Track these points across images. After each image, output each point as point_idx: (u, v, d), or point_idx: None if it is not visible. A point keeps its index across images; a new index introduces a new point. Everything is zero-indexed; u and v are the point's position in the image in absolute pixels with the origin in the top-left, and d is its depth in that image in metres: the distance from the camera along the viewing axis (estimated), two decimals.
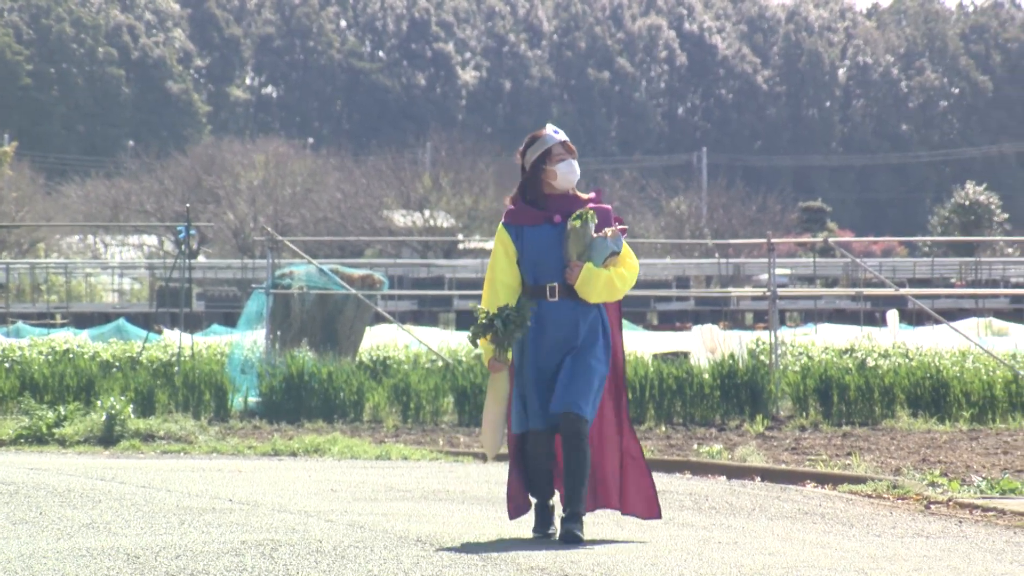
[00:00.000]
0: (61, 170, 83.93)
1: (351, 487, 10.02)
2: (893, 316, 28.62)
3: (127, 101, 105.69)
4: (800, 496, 10.09)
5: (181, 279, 22.33)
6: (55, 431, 15.12)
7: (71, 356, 20.62)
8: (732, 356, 17.88)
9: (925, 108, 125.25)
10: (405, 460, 13.15)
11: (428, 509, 8.70)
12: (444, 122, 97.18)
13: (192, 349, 20.50)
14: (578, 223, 7.50)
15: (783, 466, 12.85)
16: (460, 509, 8.78)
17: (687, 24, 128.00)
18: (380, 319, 27.56)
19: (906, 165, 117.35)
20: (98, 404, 15.65)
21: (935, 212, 79.58)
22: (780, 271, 53.49)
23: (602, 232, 7.54)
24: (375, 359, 20.70)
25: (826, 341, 23.83)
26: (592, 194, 7.71)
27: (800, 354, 20.51)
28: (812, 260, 58.57)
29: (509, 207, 7.68)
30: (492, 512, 8.62)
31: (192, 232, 21.25)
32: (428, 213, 67.54)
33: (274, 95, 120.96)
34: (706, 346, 21.82)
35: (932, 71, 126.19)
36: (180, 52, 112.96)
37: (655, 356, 20.81)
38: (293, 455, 13.72)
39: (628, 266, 7.60)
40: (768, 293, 19.71)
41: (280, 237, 22.27)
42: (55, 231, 66.65)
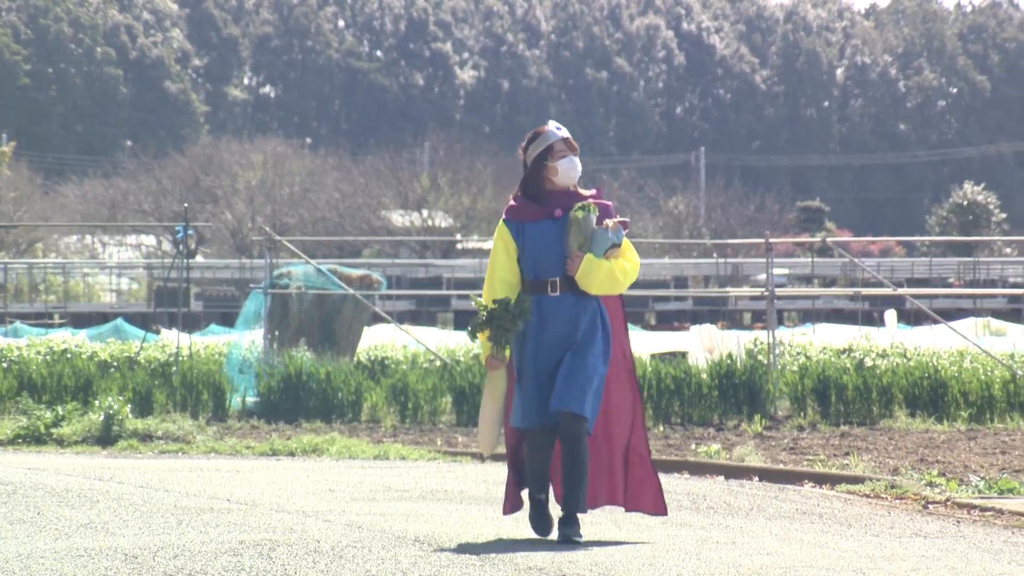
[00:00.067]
0: (59, 170, 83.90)
1: (349, 487, 10.01)
2: (891, 316, 28.63)
3: (125, 101, 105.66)
4: (798, 496, 10.08)
5: (179, 279, 22.32)
6: (53, 431, 15.12)
7: (69, 356, 20.63)
8: (730, 356, 17.88)
9: (923, 108, 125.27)
10: (403, 460, 13.15)
11: (426, 509, 8.70)
12: (442, 122, 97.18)
13: (190, 349, 20.50)
14: (580, 214, 7.48)
15: (781, 466, 12.85)
16: (458, 509, 8.78)
17: (685, 24, 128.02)
18: (378, 319, 27.55)
19: (904, 165, 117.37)
20: (96, 404, 15.65)
21: (933, 212, 79.60)
22: (778, 271, 53.49)
23: (603, 224, 7.53)
24: (373, 359, 20.70)
25: (824, 341, 23.84)
26: (593, 191, 7.70)
27: (798, 354, 20.51)
28: (810, 260, 58.61)
29: (511, 203, 7.68)
30: (490, 512, 8.61)
31: (190, 232, 21.23)
32: (426, 213, 67.54)
33: (272, 95, 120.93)
34: (704, 346, 21.83)
35: (930, 71, 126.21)
36: (178, 52, 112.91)
37: (653, 356, 20.83)
38: (291, 455, 13.72)
39: (628, 259, 7.57)
40: (766, 293, 19.71)
41: (278, 237, 22.26)
42: (53, 231, 66.64)
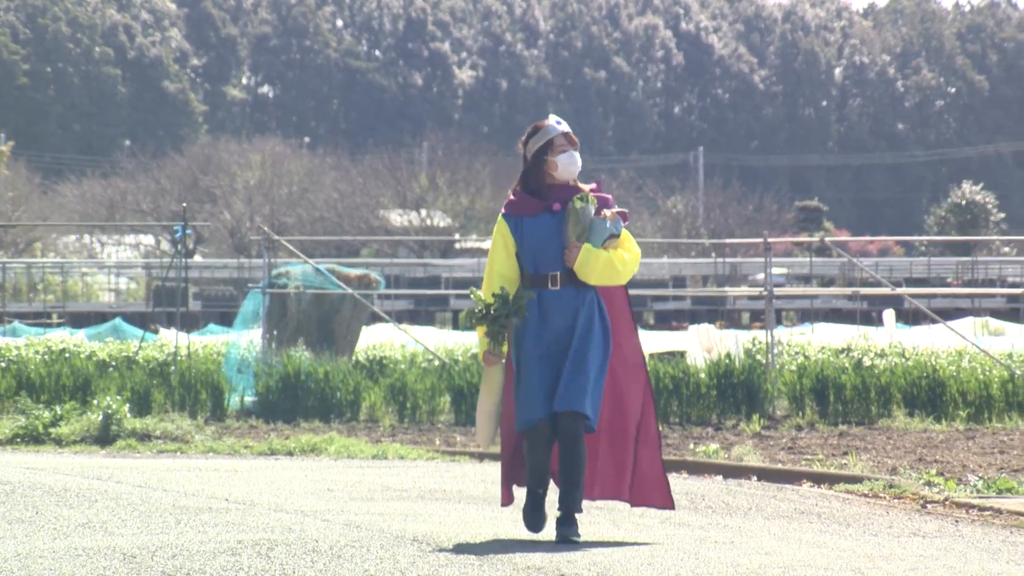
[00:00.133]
0: (57, 169, 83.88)
1: (347, 487, 10.01)
2: (889, 316, 28.65)
3: (123, 100, 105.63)
4: (796, 495, 10.08)
5: (177, 278, 22.32)
6: (51, 431, 15.11)
7: (67, 356, 20.62)
8: (728, 356, 17.89)
9: (921, 107, 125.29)
10: (402, 459, 13.14)
11: (424, 508, 8.70)
12: (440, 121, 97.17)
13: (188, 348, 20.49)
14: (578, 204, 7.46)
15: (779, 466, 12.85)
16: (457, 508, 8.78)
17: (683, 24, 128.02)
18: (377, 318, 27.55)
19: (902, 165, 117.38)
20: (94, 404, 15.65)
21: (931, 212, 79.61)
22: (776, 271, 53.50)
23: (601, 214, 7.51)
24: (371, 358, 20.70)
25: (822, 340, 23.85)
26: (593, 184, 7.67)
27: (796, 354, 20.51)
28: (808, 260, 58.62)
29: (510, 197, 7.66)
30: (488, 512, 8.61)
31: (188, 232, 21.24)
32: (424, 212, 67.52)
33: (270, 95, 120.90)
34: (702, 346, 21.84)
35: (928, 70, 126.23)
36: (176, 52, 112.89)
37: (651, 356, 20.84)
38: (289, 455, 13.72)
39: (628, 249, 7.53)
40: (764, 293, 19.72)
41: (276, 236, 22.26)
42: (51, 230, 66.62)
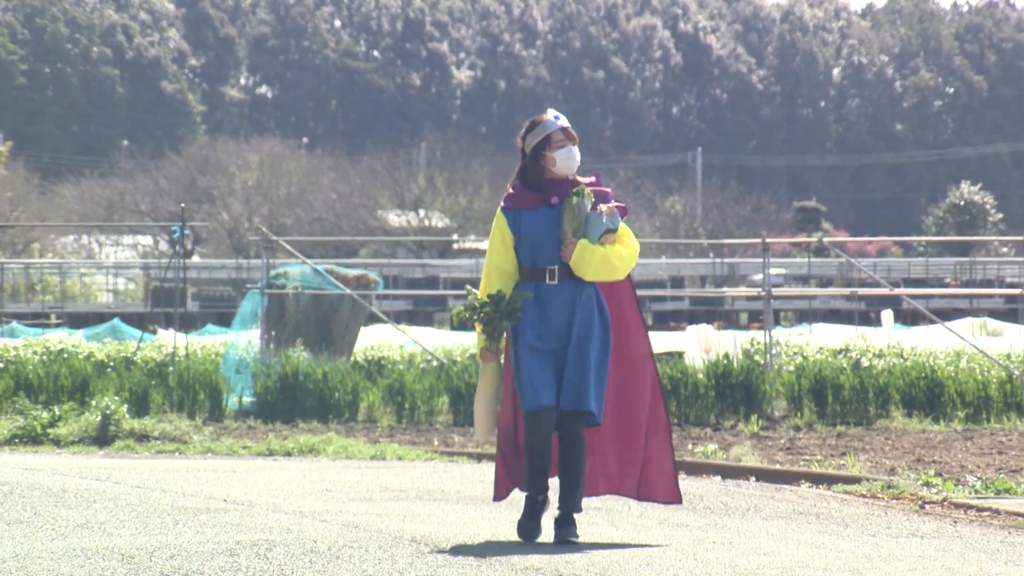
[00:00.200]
0: (56, 170, 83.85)
1: (346, 487, 10.01)
2: (888, 316, 28.66)
3: (122, 101, 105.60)
4: (795, 496, 10.08)
5: (176, 279, 22.31)
6: (50, 431, 15.11)
7: (66, 356, 20.60)
8: (727, 356, 17.89)
9: (920, 108, 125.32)
10: (400, 460, 13.14)
11: (423, 509, 8.70)
12: (439, 122, 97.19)
13: (187, 349, 20.49)
14: (574, 199, 7.44)
15: (778, 466, 12.85)
16: (455, 509, 8.78)
17: (682, 24, 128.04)
18: (375, 319, 27.55)
19: (901, 165, 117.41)
20: (93, 404, 15.64)
21: (930, 212, 79.64)
22: (775, 271, 53.50)
23: (598, 208, 7.47)
24: (370, 359, 20.70)
25: (821, 341, 23.84)
26: (592, 178, 7.63)
27: (795, 354, 20.51)
28: (807, 260, 58.60)
29: (508, 191, 7.65)
30: (487, 512, 8.61)
31: (187, 232, 21.23)
32: (423, 213, 67.53)
33: (269, 95, 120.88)
34: (701, 346, 21.83)
35: (927, 71, 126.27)
36: (175, 52, 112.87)
37: None
38: (288, 455, 13.71)
39: (626, 245, 7.49)
40: (763, 293, 19.72)
41: (275, 237, 22.26)
42: (50, 231, 66.61)
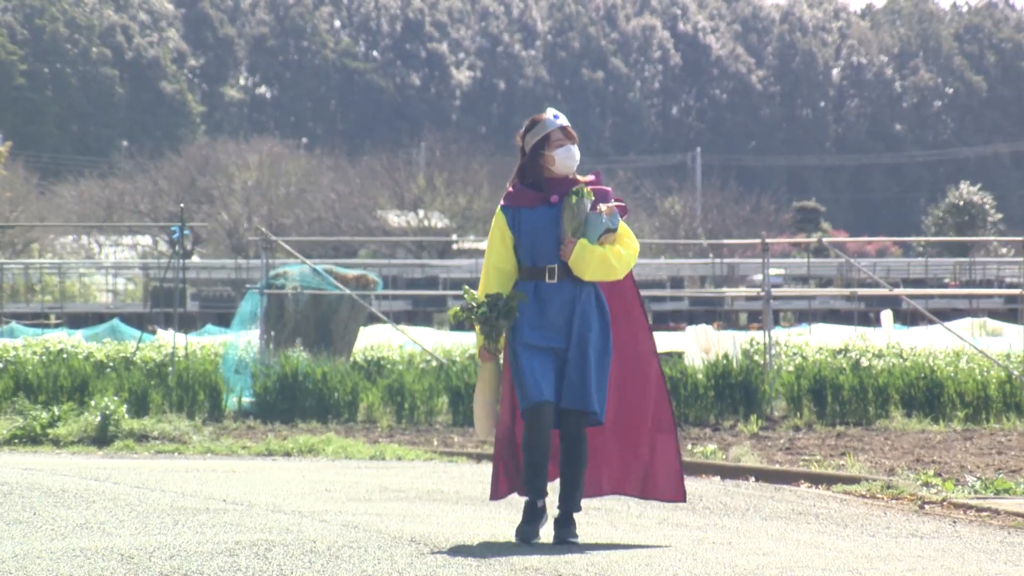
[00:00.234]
0: (55, 170, 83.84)
1: (345, 487, 10.01)
2: (887, 316, 28.67)
3: (121, 101, 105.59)
4: (794, 496, 10.09)
5: (175, 279, 22.30)
6: (49, 431, 15.11)
7: (65, 356, 20.59)
8: (726, 356, 17.89)
9: (919, 108, 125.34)
10: (399, 460, 13.14)
11: (422, 509, 8.70)
12: (438, 122, 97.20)
13: (186, 349, 20.48)
14: (573, 199, 7.41)
15: (777, 466, 12.85)
16: (454, 509, 8.78)
17: (681, 24, 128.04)
18: (374, 319, 27.55)
19: (900, 165, 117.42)
20: (92, 404, 15.64)
21: (929, 212, 79.64)
22: (774, 271, 53.50)
23: (597, 208, 7.45)
24: (369, 359, 20.69)
25: (820, 341, 23.84)
26: (591, 176, 7.61)
27: (794, 354, 20.51)
28: (806, 260, 58.60)
29: (508, 189, 7.63)
30: (486, 512, 8.61)
31: (186, 232, 21.22)
32: (422, 213, 67.54)
33: (268, 95, 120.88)
34: (700, 346, 21.82)
35: (926, 71, 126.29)
36: (174, 52, 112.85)
37: None
38: (287, 455, 13.71)
39: (626, 245, 7.46)
40: (762, 293, 19.72)
41: (274, 237, 22.25)
42: (49, 231, 66.60)
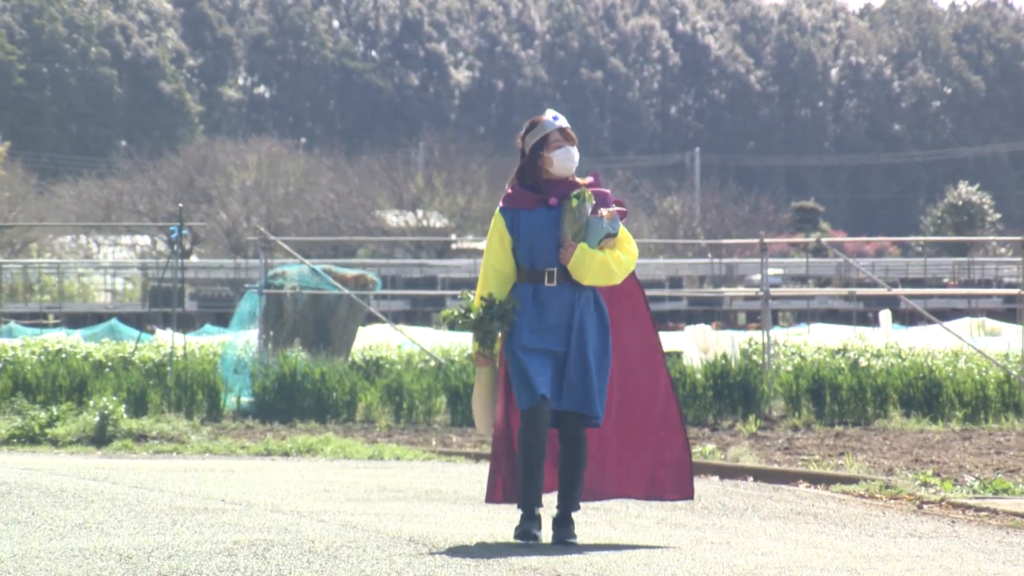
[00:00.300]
0: (54, 170, 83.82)
1: (344, 487, 10.01)
2: (886, 316, 28.69)
3: (120, 101, 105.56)
4: (793, 496, 10.08)
5: (174, 279, 22.31)
6: (48, 431, 15.11)
7: (64, 356, 20.59)
8: (725, 356, 17.90)
9: (918, 108, 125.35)
10: (398, 460, 13.14)
11: (421, 509, 8.70)
12: (437, 122, 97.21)
13: (185, 349, 20.48)
14: (574, 202, 7.38)
15: (776, 466, 12.85)
16: (453, 509, 8.78)
17: (680, 24, 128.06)
18: (373, 319, 27.55)
19: (899, 165, 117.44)
20: (91, 404, 15.64)
21: (928, 212, 79.66)
22: (773, 271, 53.51)
23: (598, 213, 7.42)
24: (368, 359, 20.68)
25: (819, 341, 23.83)
26: (590, 178, 7.57)
27: (793, 354, 20.50)
28: (805, 260, 58.62)
29: (507, 191, 7.61)
30: (485, 512, 8.61)
31: (185, 232, 21.24)
32: (421, 213, 67.53)
33: (267, 95, 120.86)
34: (699, 346, 21.83)
35: (925, 71, 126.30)
36: (173, 52, 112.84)
37: None
38: (286, 455, 13.71)
39: (625, 250, 7.44)
40: (761, 293, 19.72)
41: (273, 237, 22.25)
42: (47, 231, 66.59)
